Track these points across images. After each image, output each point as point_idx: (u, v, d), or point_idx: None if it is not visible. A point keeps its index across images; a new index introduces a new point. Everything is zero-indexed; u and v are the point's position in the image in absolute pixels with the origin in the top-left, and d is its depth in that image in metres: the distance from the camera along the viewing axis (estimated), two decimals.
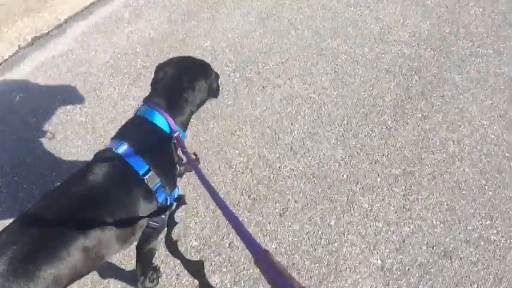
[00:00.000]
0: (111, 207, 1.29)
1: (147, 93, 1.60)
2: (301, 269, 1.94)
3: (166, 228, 1.90)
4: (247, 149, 2.41)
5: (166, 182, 1.40)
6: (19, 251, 1.11)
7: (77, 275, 1.24)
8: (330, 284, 1.90)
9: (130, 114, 1.57)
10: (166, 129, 1.45)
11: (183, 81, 1.54)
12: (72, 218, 1.23)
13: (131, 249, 1.75)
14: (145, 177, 1.32)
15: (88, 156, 1.56)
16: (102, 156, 1.36)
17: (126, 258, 1.94)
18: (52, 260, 1.15)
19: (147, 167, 1.33)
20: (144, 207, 1.35)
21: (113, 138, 1.46)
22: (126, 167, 1.31)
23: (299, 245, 2.02)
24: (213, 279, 1.89)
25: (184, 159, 1.47)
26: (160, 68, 1.62)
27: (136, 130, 1.45)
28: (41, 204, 1.26)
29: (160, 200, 1.38)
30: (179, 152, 1.48)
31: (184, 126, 1.57)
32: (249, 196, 2.19)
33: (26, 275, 1.09)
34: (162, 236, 1.97)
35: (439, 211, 2.15)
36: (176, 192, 1.50)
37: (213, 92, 1.77)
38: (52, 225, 1.19)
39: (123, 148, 1.34)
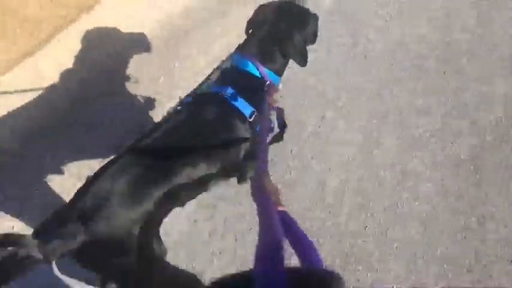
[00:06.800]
0: (217, 143, 1.42)
1: None
2: None
3: None
4: None
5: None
6: (135, 174, 1.25)
7: (180, 202, 1.41)
8: None
9: None
10: (259, 76, 1.53)
11: (279, 30, 1.56)
12: (182, 150, 1.36)
13: None
14: (250, 119, 1.46)
15: None
16: (209, 98, 1.49)
17: None
18: (162, 185, 1.28)
19: (252, 109, 1.46)
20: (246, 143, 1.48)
21: (214, 83, 1.56)
22: (233, 108, 1.45)
23: None
24: None
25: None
26: (257, 13, 1.64)
27: (235, 77, 1.54)
28: (154, 135, 1.38)
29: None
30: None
31: (279, 73, 1.61)
32: None
33: (138, 196, 1.23)
34: None
35: None
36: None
37: (310, 37, 1.72)
38: (164, 155, 1.32)
39: (229, 92, 1.46)
